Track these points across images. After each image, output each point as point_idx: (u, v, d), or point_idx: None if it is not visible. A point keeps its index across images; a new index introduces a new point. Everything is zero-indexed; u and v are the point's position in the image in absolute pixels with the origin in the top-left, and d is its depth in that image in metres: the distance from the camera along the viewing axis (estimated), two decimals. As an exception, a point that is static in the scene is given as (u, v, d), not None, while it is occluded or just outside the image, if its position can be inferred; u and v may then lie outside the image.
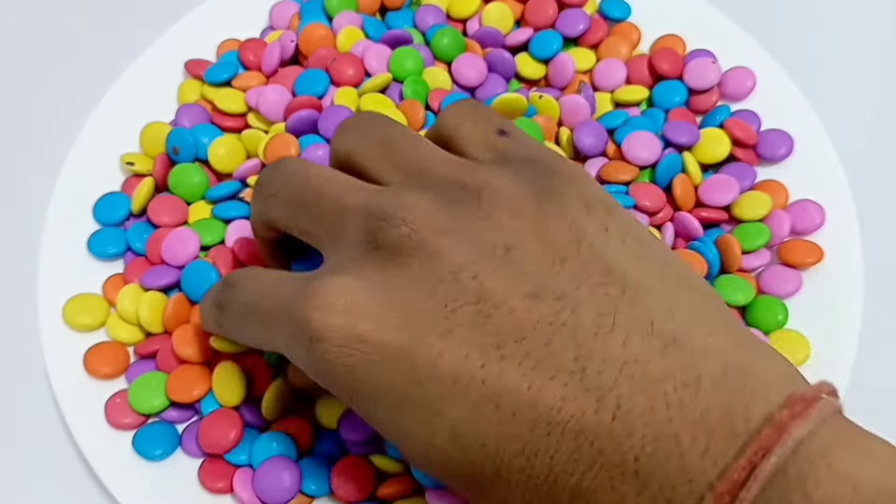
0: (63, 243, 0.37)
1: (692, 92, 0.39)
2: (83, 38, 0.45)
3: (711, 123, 0.38)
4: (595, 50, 0.41)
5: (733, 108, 0.39)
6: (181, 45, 0.42)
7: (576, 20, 0.41)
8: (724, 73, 0.40)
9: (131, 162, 0.38)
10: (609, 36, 0.41)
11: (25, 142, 0.42)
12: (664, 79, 0.40)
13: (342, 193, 0.25)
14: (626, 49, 0.41)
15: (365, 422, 0.23)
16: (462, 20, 0.42)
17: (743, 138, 0.37)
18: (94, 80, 0.41)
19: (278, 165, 0.28)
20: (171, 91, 0.41)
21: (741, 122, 0.38)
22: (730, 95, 0.40)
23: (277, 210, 0.27)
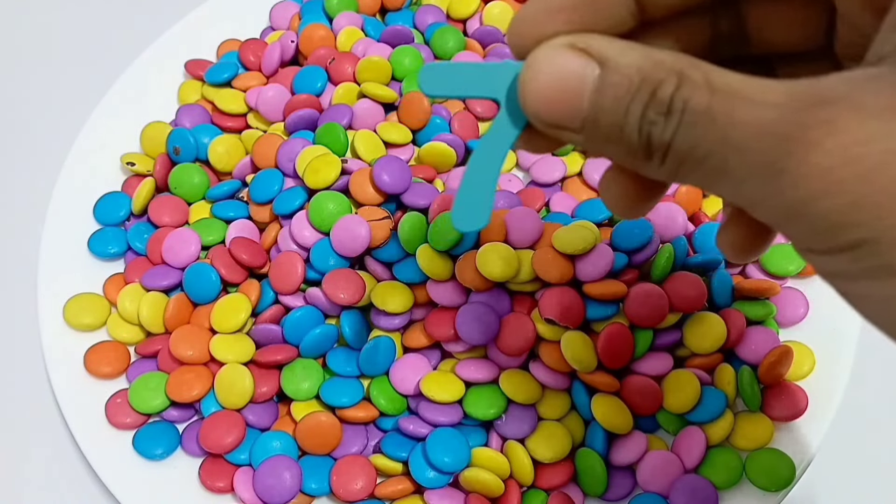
0: (63, 243, 0.37)
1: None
2: (83, 39, 0.45)
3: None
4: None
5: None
6: (181, 45, 0.42)
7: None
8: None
9: (132, 162, 0.38)
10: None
11: (26, 142, 0.42)
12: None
13: None
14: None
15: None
16: (462, 20, 0.42)
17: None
18: (94, 80, 0.41)
19: None
20: (172, 91, 0.41)
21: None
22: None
23: None
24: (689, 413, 0.31)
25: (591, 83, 0.18)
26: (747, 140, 0.16)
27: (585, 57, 0.18)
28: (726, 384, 0.32)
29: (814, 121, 0.15)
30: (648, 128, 0.17)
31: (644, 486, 0.31)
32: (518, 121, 0.19)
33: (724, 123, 0.16)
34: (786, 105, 0.16)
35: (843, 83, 0.16)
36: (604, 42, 0.18)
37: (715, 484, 0.30)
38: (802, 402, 0.31)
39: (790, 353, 0.32)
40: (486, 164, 0.20)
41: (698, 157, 0.17)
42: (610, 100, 0.17)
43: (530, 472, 0.31)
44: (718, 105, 0.16)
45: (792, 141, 0.15)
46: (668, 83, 0.17)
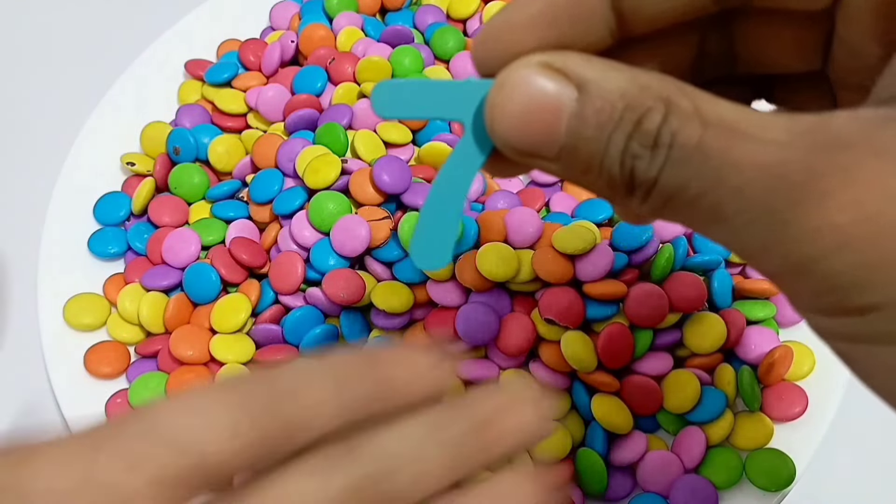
0: (63, 243, 0.37)
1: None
2: (83, 39, 0.45)
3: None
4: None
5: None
6: (181, 45, 0.42)
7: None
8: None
9: (132, 162, 0.38)
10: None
11: (26, 142, 0.42)
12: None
13: None
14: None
15: None
16: (462, 20, 0.42)
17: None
18: (94, 80, 0.41)
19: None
20: (172, 91, 0.41)
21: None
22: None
23: None
24: (689, 413, 0.31)
25: (568, 108, 0.16)
26: (746, 183, 0.14)
27: (562, 78, 0.16)
28: (726, 384, 0.32)
29: (826, 167, 0.13)
30: (632, 161, 0.15)
31: (644, 485, 0.31)
32: (485, 146, 0.17)
33: (718, 162, 0.14)
34: (791, 145, 0.14)
35: (854, 123, 0.14)
36: (583, 62, 0.16)
37: (715, 484, 0.30)
38: (802, 403, 0.31)
39: (790, 354, 0.32)
40: (448, 193, 0.18)
41: (688, 197, 0.15)
42: (591, 128, 0.16)
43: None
44: (712, 141, 0.14)
45: (799, 189, 0.13)
46: (655, 112, 0.15)
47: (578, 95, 0.16)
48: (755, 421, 0.31)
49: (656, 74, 0.16)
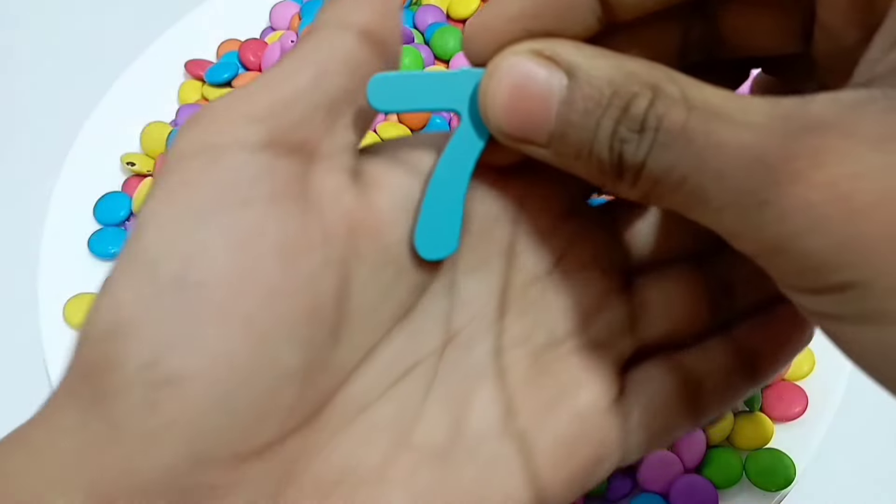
0: (64, 243, 0.37)
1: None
2: (83, 38, 0.45)
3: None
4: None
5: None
6: (181, 45, 0.42)
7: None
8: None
9: (132, 162, 0.38)
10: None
11: (26, 142, 0.42)
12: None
13: None
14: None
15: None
16: (462, 20, 0.42)
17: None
18: (94, 80, 0.41)
19: None
20: (172, 91, 0.41)
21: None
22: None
23: None
24: (690, 413, 0.31)
25: (558, 95, 0.16)
26: (727, 165, 0.14)
27: (552, 65, 0.16)
28: (726, 384, 0.32)
29: (800, 148, 0.14)
30: (620, 146, 0.16)
31: (644, 485, 0.31)
32: (482, 133, 0.18)
33: (701, 145, 0.15)
34: (769, 127, 0.14)
35: (831, 106, 0.14)
36: (572, 49, 0.16)
37: (714, 484, 0.30)
38: (802, 403, 0.31)
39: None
40: (450, 181, 0.18)
41: (674, 180, 0.15)
42: (579, 114, 0.16)
43: (530, 472, 0.31)
44: (696, 124, 0.15)
45: (775, 170, 0.14)
46: (641, 97, 0.15)
47: (568, 82, 0.16)
48: (755, 421, 0.31)
49: (644, 61, 0.16)
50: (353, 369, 0.18)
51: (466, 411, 0.19)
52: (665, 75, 0.15)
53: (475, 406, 0.19)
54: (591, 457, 0.19)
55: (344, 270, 0.17)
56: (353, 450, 0.17)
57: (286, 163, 0.16)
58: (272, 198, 0.16)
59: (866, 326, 0.14)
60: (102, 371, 0.15)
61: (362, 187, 0.18)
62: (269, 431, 0.16)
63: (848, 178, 0.13)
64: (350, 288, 0.17)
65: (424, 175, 0.18)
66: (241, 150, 0.16)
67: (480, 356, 0.19)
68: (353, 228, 0.17)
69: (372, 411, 0.18)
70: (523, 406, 0.19)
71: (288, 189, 0.16)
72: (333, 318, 0.17)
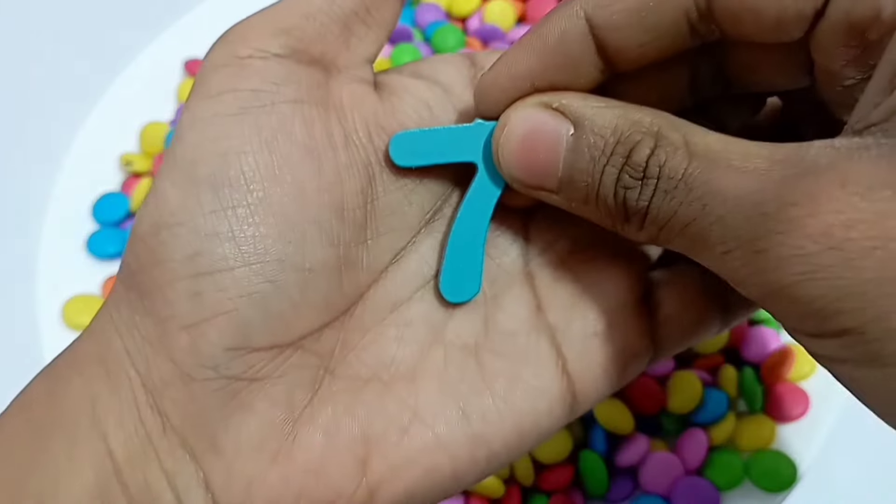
0: (62, 243, 0.37)
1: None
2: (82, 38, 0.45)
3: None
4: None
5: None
6: (181, 44, 0.42)
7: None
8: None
9: (130, 161, 0.38)
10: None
11: (24, 142, 0.42)
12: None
13: None
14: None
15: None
16: (462, 18, 0.42)
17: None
18: (93, 80, 0.41)
19: None
20: (171, 91, 0.41)
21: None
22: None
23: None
24: (692, 414, 0.31)
25: (565, 143, 0.17)
26: (727, 213, 0.15)
27: (560, 116, 0.17)
28: (729, 385, 0.31)
29: (796, 195, 0.14)
30: (624, 192, 0.16)
31: (646, 487, 0.30)
32: (498, 181, 0.19)
33: (702, 193, 0.15)
34: (768, 173, 0.15)
35: (827, 153, 0.14)
36: (578, 100, 0.17)
37: (717, 485, 0.30)
38: (805, 403, 0.31)
39: (792, 354, 0.32)
40: (470, 229, 0.19)
41: (677, 225, 0.16)
42: (585, 161, 0.17)
43: (531, 473, 0.31)
44: (697, 171, 0.15)
45: (773, 218, 0.14)
46: (643, 145, 0.16)
47: (574, 131, 0.17)
48: (757, 422, 0.31)
49: (649, 110, 0.17)
50: (383, 269, 0.19)
51: (496, 310, 0.20)
52: (668, 122, 0.16)
53: (504, 305, 0.20)
54: (620, 350, 0.19)
55: (368, 172, 0.18)
56: (387, 345, 0.19)
57: (308, 71, 0.18)
58: (297, 101, 0.17)
59: (867, 369, 0.14)
60: (150, 266, 0.16)
61: (383, 94, 0.19)
62: (305, 323, 0.17)
63: (841, 228, 0.13)
64: (375, 189, 0.18)
65: (444, 86, 0.20)
66: (265, 59, 0.17)
67: (507, 262, 0.20)
68: (374, 131, 0.18)
69: (404, 310, 0.19)
70: (551, 304, 0.20)
71: (311, 94, 0.18)
72: (360, 216, 0.18)
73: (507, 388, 0.19)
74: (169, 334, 0.16)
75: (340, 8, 0.18)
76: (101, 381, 0.17)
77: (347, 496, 0.17)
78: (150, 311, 0.16)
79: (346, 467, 0.17)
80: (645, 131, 0.16)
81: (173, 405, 0.16)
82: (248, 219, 0.16)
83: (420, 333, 0.19)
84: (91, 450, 0.16)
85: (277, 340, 0.17)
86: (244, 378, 0.17)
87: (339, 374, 0.18)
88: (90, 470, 0.16)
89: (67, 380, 0.17)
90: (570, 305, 0.20)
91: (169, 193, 0.17)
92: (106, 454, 0.16)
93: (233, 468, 0.16)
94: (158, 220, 0.16)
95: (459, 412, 0.18)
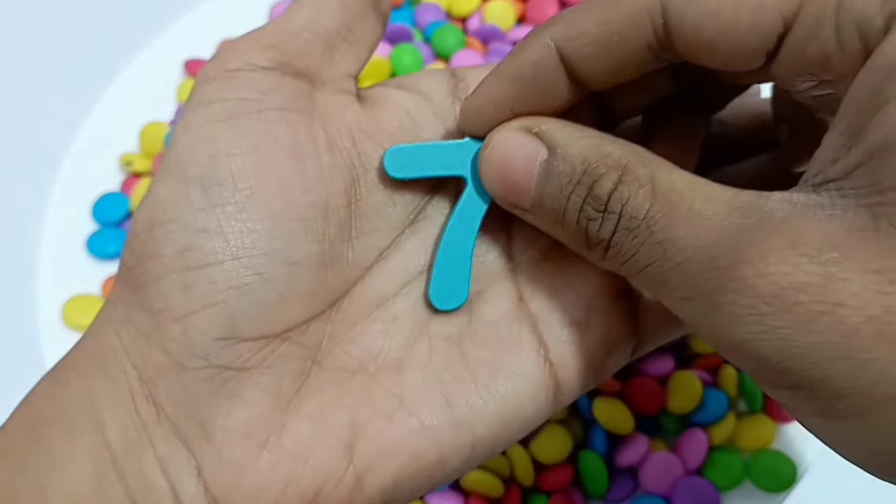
0: (62, 243, 0.37)
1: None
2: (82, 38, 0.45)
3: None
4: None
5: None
6: (181, 44, 0.42)
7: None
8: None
9: (130, 161, 0.38)
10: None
11: (23, 142, 0.42)
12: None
13: None
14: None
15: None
16: (462, 18, 0.42)
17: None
18: (93, 80, 0.41)
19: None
20: (171, 90, 0.41)
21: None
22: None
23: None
24: (692, 414, 0.31)
25: (538, 167, 0.18)
26: (686, 261, 0.15)
27: (536, 140, 0.18)
28: (729, 385, 0.31)
29: (748, 252, 0.14)
30: (586, 222, 0.17)
31: (646, 487, 0.30)
32: (486, 196, 0.20)
33: (663, 237, 0.16)
34: (724, 224, 0.15)
35: (783, 207, 0.15)
36: (558, 128, 0.18)
37: (717, 485, 0.30)
38: (805, 403, 0.31)
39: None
40: (458, 240, 0.20)
41: (638, 264, 0.17)
42: (553, 186, 0.18)
43: (531, 473, 0.31)
44: (658, 215, 0.16)
45: (726, 274, 0.15)
46: (607, 178, 0.17)
47: (548, 157, 0.18)
48: (757, 422, 0.31)
49: (623, 143, 0.17)
50: (369, 266, 0.20)
51: (480, 303, 0.20)
52: (637, 158, 0.17)
53: (488, 298, 0.20)
54: (602, 338, 0.20)
55: (351, 174, 0.19)
56: (374, 338, 0.19)
57: (293, 82, 0.19)
58: (282, 108, 0.18)
59: (821, 419, 0.15)
60: (144, 260, 0.17)
61: (366, 104, 0.20)
62: (292, 315, 0.18)
63: (791, 291, 0.14)
64: (359, 190, 0.19)
65: (424, 95, 0.21)
66: (253, 71, 0.18)
67: (490, 260, 0.21)
68: (357, 137, 0.19)
69: (390, 305, 0.20)
70: (533, 296, 0.20)
71: (296, 102, 0.19)
72: (345, 215, 0.19)
73: (490, 375, 0.19)
74: (162, 326, 0.17)
75: (323, 26, 0.19)
76: (99, 377, 0.18)
77: (335, 481, 0.18)
78: (144, 304, 0.17)
79: (333, 453, 0.18)
80: (612, 165, 0.17)
81: (167, 394, 0.17)
82: (237, 215, 0.17)
83: (406, 327, 0.20)
84: (88, 441, 0.17)
85: (265, 331, 0.18)
86: (233, 367, 0.17)
87: (327, 366, 0.19)
88: (88, 460, 0.17)
89: (66, 377, 0.18)
90: (551, 296, 0.20)
91: (162, 193, 0.18)
92: (103, 445, 0.17)
93: (223, 454, 0.17)
94: (152, 217, 0.17)
95: (443, 399, 0.19)
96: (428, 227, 0.21)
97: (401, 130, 0.20)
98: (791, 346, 0.14)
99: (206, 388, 0.17)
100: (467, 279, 0.20)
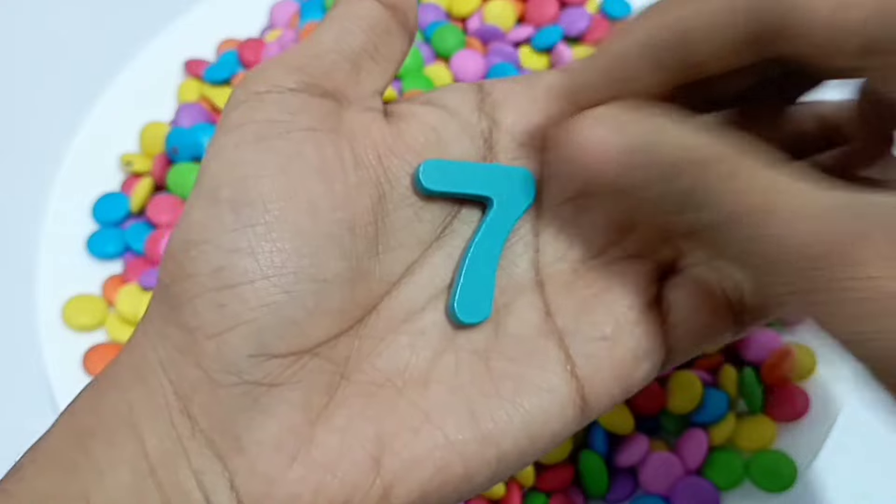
0: (62, 244, 0.37)
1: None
2: (82, 37, 0.45)
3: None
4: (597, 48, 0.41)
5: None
6: (180, 44, 0.42)
7: (577, 18, 0.41)
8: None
9: (130, 161, 0.38)
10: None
11: (23, 142, 0.42)
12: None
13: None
14: (628, 47, 0.40)
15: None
16: (462, 18, 0.42)
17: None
18: (92, 80, 0.41)
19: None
20: (171, 90, 0.41)
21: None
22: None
23: None
24: (692, 414, 0.31)
25: (620, 156, 0.18)
26: (785, 258, 0.15)
27: (623, 128, 0.18)
28: (729, 385, 0.31)
29: (856, 252, 0.14)
30: (666, 215, 0.17)
31: (646, 487, 0.30)
32: (511, 218, 0.20)
33: (748, 236, 0.16)
34: (829, 219, 0.15)
35: (877, 205, 0.15)
36: (645, 116, 0.18)
37: (717, 485, 0.30)
38: (805, 403, 0.31)
39: (793, 354, 0.32)
40: (483, 257, 0.20)
41: (731, 255, 0.17)
42: (641, 178, 0.18)
43: (531, 473, 0.31)
44: (744, 212, 0.16)
45: (834, 273, 0.15)
46: (686, 175, 0.17)
47: (650, 140, 0.18)
48: (757, 422, 0.31)
49: (710, 135, 0.17)
50: (396, 282, 0.20)
51: (507, 316, 0.20)
52: (719, 154, 0.17)
53: (515, 311, 0.20)
54: (630, 354, 0.20)
55: (378, 190, 0.19)
56: (401, 353, 0.20)
57: (320, 102, 0.19)
58: (310, 129, 0.19)
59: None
60: (180, 279, 0.18)
61: (392, 120, 0.20)
62: (321, 331, 0.18)
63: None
64: (386, 206, 0.20)
65: (450, 111, 0.21)
66: (281, 93, 0.19)
67: (518, 273, 0.21)
68: (383, 154, 0.20)
69: (417, 319, 0.20)
70: (560, 310, 0.20)
71: (323, 122, 0.19)
72: (371, 231, 0.19)
73: (515, 390, 0.19)
74: (197, 343, 0.18)
75: (349, 46, 0.20)
76: (138, 390, 0.18)
77: (362, 493, 0.18)
78: (179, 322, 0.18)
79: (360, 466, 0.18)
80: (695, 159, 0.17)
81: (201, 409, 0.18)
82: (266, 235, 0.18)
83: (432, 341, 0.20)
84: (128, 452, 0.18)
85: (295, 347, 0.18)
86: (265, 383, 0.18)
87: (355, 380, 0.19)
88: (128, 470, 0.17)
89: (107, 390, 0.19)
90: (579, 310, 0.20)
91: (195, 215, 0.18)
92: (142, 456, 0.17)
93: (255, 467, 0.17)
94: (187, 238, 0.18)
95: (468, 414, 0.19)
96: (454, 242, 0.21)
97: (427, 146, 0.20)
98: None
99: (239, 404, 0.17)
100: (491, 295, 0.20)
